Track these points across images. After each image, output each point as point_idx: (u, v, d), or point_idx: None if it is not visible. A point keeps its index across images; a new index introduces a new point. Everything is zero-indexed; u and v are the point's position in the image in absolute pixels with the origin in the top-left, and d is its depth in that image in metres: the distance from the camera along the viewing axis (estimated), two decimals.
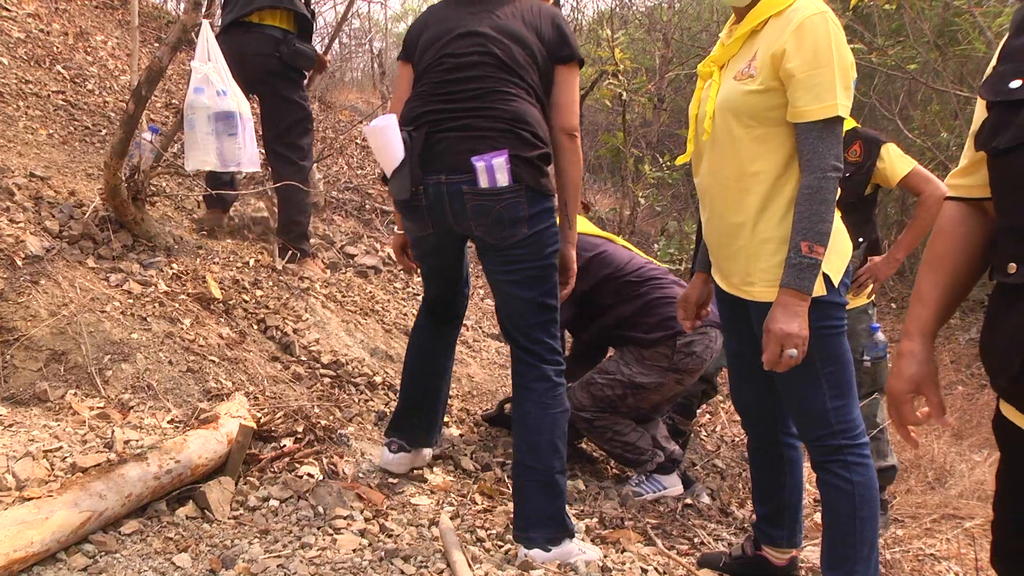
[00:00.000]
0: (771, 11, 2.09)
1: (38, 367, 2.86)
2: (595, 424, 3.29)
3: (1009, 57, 1.36)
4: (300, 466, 2.62)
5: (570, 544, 2.38)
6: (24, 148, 4.72)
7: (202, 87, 3.69)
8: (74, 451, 2.40)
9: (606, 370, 3.29)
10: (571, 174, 2.49)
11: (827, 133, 2.03)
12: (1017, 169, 1.26)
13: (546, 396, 2.41)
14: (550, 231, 2.41)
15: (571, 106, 2.45)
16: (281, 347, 3.51)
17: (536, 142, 2.35)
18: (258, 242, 4.54)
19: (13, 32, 6.29)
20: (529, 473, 2.38)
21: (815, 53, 2.00)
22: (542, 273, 2.42)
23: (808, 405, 2.22)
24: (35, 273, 3.12)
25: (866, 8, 9.16)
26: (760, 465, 2.56)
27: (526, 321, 2.45)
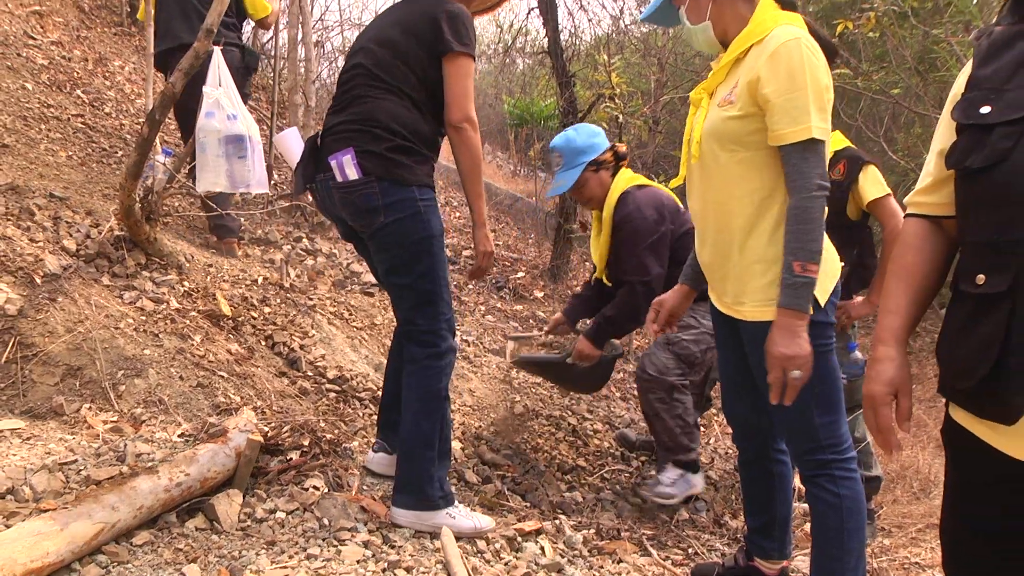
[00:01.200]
0: (753, 39, 2.12)
1: (55, 382, 2.86)
2: (674, 395, 3.17)
3: (977, 85, 1.38)
4: (306, 479, 2.61)
5: (435, 513, 2.49)
6: (45, 169, 4.74)
7: (213, 111, 3.71)
8: (88, 464, 2.40)
9: (688, 325, 3.21)
10: (462, 164, 2.51)
11: (808, 154, 2.03)
12: (991, 187, 1.28)
13: (412, 377, 2.52)
14: (415, 218, 2.45)
15: (454, 100, 2.46)
16: (288, 363, 3.51)
17: (388, 136, 2.44)
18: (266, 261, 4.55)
19: (37, 59, 6.33)
20: (401, 444, 2.52)
21: (789, 78, 2.01)
22: (412, 258, 2.48)
23: (797, 421, 2.21)
24: (53, 291, 3.13)
25: (851, 35, 9.21)
26: (751, 479, 2.56)
27: (401, 304, 2.59)
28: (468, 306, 5.56)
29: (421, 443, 2.48)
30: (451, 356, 2.57)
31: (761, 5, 2.18)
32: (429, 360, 2.50)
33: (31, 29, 6.85)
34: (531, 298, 6.40)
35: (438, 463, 2.52)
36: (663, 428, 3.21)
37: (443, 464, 2.56)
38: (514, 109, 12.03)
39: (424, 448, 2.48)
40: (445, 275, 2.54)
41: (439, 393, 2.51)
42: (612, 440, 4.08)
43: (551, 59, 8.99)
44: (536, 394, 4.34)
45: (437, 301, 2.51)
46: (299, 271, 4.56)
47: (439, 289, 2.51)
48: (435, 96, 2.51)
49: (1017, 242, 1.24)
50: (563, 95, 7.84)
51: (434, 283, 2.50)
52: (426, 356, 2.50)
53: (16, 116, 5.28)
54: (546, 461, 3.56)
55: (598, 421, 4.28)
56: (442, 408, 2.53)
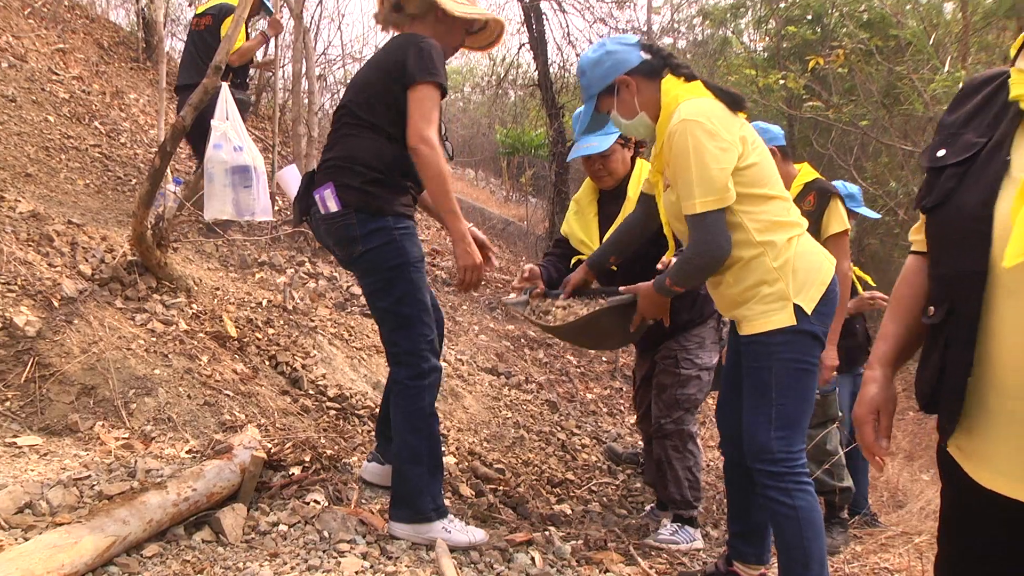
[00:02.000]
0: (668, 123, 2.28)
1: (70, 400, 2.86)
2: (688, 446, 3.09)
3: (940, 130, 1.42)
4: (307, 493, 2.61)
5: (430, 525, 2.48)
6: (64, 197, 4.76)
7: (221, 143, 3.74)
8: (101, 480, 2.39)
9: (680, 379, 3.10)
10: (426, 184, 2.49)
11: (699, 223, 2.20)
12: (938, 224, 1.32)
13: (398, 397, 2.52)
14: (391, 245, 2.47)
15: (411, 124, 2.44)
16: (291, 381, 3.51)
17: (365, 171, 2.49)
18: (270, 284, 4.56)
19: (60, 93, 6.36)
20: (394, 461, 2.54)
21: (677, 161, 2.21)
22: (389, 284, 2.49)
23: (755, 430, 2.24)
24: (69, 313, 3.13)
25: (822, 70, 9.33)
26: (734, 484, 2.57)
27: (383, 327, 2.59)
28: (462, 326, 5.57)
29: (410, 459, 2.48)
30: (435, 376, 2.53)
31: (664, 85, 2.36)
32: (411, 380, 2.49)
33: (55, 65, 6.89)
34: (522, 318, 6.41)
35: (429, 477, 2.50)
36: (673, 478, 3.10)
37: (435, 478, 2.53)
38: (506, 138, 12.09)
39: (413, 464, 2.48)
40: (423, 299, 2.52)
41: (424, 411, 2.49)
42: (600, 454, 4.08)
43: (541, 91, 9.08)
44: (527, 411, 4.35)
45: (415, 324, 2.49)
46: (301, 294, 4.57)
47: (417, 313, 2.50)
48: (399, 128, 2.51)
49: (954, 276, 1.27)
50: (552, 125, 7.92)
51: (412, 307, 2.49)
52: (408, 377, 2.49)
53: (39, 147, 5.31)
54: (536, 475, 3.55)
55: (586, 436, 4.28)
56: (429, 425, 2.51)
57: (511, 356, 5.32)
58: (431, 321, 2.55)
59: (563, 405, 4.68)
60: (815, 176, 3.58)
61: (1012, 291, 1.18)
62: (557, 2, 9.12)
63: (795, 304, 2.20)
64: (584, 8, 9.17)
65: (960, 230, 1.25)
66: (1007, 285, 1.18)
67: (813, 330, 2.22)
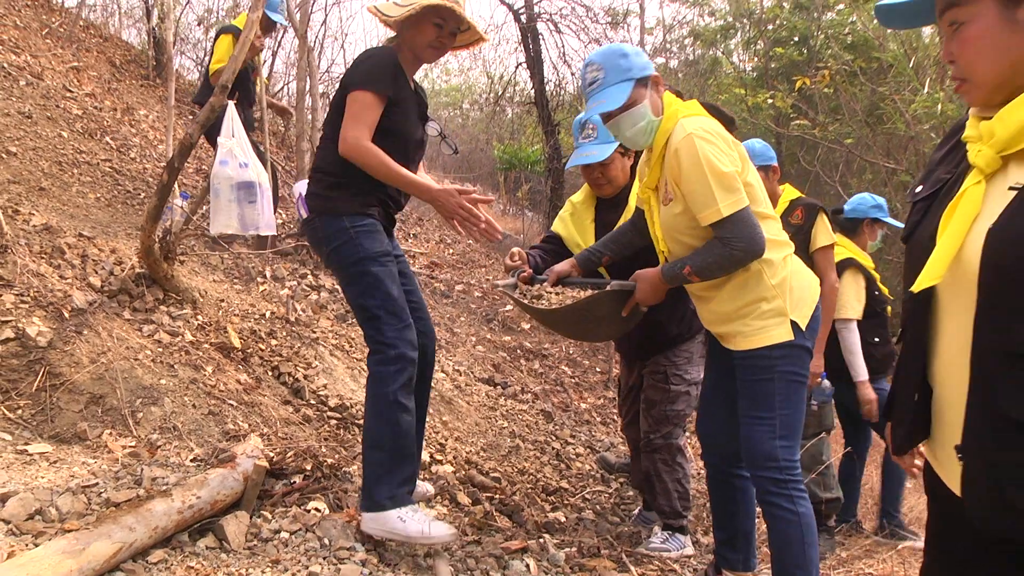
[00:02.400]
0: (664, 137, 2.28)
1: (79, 409, 2.86)
2: (677, 458, 3.07)
3: (925, 167, 1.46)
4: (308, 501, 2.61)
5: (384, 515, 2.39)
6: (76, 210, 4.77)
7: (227, 159, 3.75)
8: (108, 487, 2.39)
9: (669, 395, 3.07)
10: (375, 176, 2.49)
11: (734, 222, 2.18)
12: (907, 253, 1.37)
13: (368, 382, 2.51)
14: (349, 243, 2.51)
15: (343, 129, 2.48)
16: (293, 392, 3.51)
17: (325, 177, 2.58)
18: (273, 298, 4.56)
19: (73, 109, 6.39)
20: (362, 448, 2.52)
21: (689, 174, 2.18)
22: (352, 279, 2.53)
23: (761, 442, 2.26)
24: (79, 324, 3.14)
25: (808, 90, 9.39)
26: (718, 494, 2.59)
27: (356, 317, 2.62)
28: (460, 337, 5.57)
29: (371, 445, 2.45)
30: (402, 364, 2.47)
31: (665, 98, 2.36)
32: (377, 366, 2.47)
33: (69, 83, 6.92)
34: (519, 329, 6.42)
35: (389, 466, 2.44)
36: (663, 490, 3.09)
37: (397, 468, 2.45)
38: (503, 155, 12.13)
39: (373, 450, 2.44)
40: (388, 291, 2.50)
41: (388, 397, 2.44)
42: (593, 463, 4.08)
43: (537, 109, 9.12)
44: (523, 420, 4.35)
45: (380, 315, 2.48)
46: (304, 306, 4.57)
47: (381, 303, 2.48)
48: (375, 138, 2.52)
49: (906, 300, 1.31)
50: (548, 142, 7.95)
51: (376, 298, 2.49)
52: (375, 362, 2.49)
53: (53, 162, 5.32)
54: (531, 483, 3.55)
55: (580, 445, 4.28)
56: (394, 413, 2.44)
57: (507, 367, 5.33)
58: (400, 311, 2.51)
59: (558, 415, 4.68)
60: (798, 194, 3.61)
61: (950, 312, 1.23)
62: (553, 23, 9.18)
63: (792, 320, 2.25)
64: (580, 29, 9.22)
65: (917, 258, 1.29)
66: (946, 307, 1.24)
67: (806, 344, 2.29)
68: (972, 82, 1.24)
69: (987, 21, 1.19)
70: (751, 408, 2.29)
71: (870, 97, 9.55)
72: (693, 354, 3.10)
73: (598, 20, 9.39)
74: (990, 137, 1.19)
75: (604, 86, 2.31)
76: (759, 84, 10.85)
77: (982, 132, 1.21)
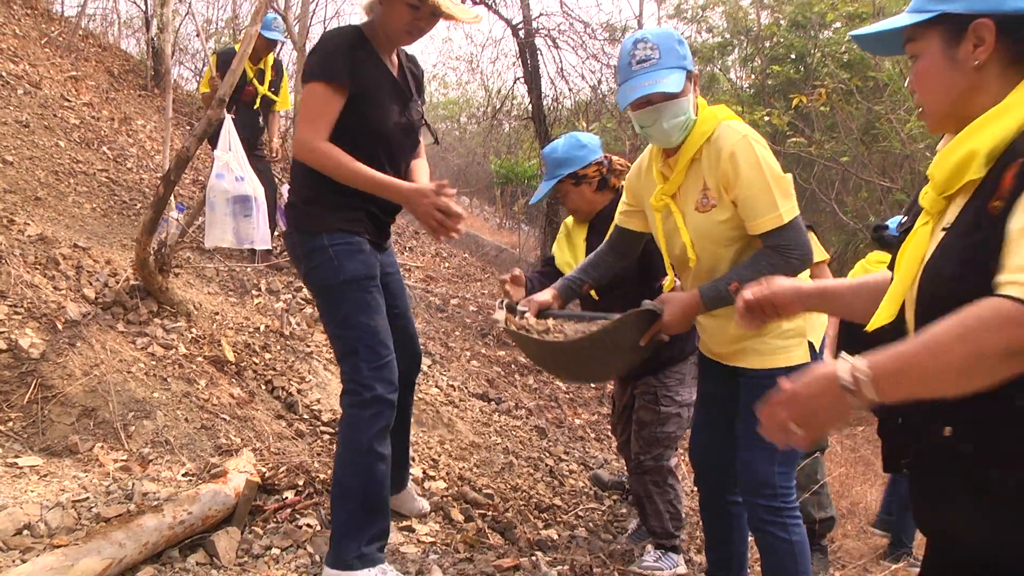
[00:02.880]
0: (701, 140, 2.13)
1: (71, 421, 2.86)
2: (668, 480, 3.03)
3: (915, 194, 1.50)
4: (300, 517, 2.60)
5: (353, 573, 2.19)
6: (71, 221, 4.77)
7: (223, 173, 3.77)
8: (99, 502, 2.38)
9: (660, 417, 3.02)
10: (338, 180, 2.22)
11: (793, 228, 2.07)
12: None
13: (340, 427, 2.29)
14: (327, 264, 2.25)
15: (299, 124, 2.27)
16: (286, 406, 3.51)
17: (299, 188, 2.34)
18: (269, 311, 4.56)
19: (70, 119, 6.40)
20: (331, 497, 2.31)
21: (750, 177, 2.05)
22: (329, 305, 2.30)
23: (757, 466, 2.23)
24: (73, 336, 3.13)
25: (805, 108, 9.45)
26: (712, 518, 2.56)
27: (332, 348, 2.41)
28: (454, 351, 5.57)
29: (340, 496, 2.24)
30: (378, 408, 2.22)
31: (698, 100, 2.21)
32: (352, 409, 2.24)
33: (67, 92, 6.94)
34: (513, 344, 6.42)
35: (361, 520, 2.22)
36: (654, 511, 3.06)
37: (369, 523, 2.23)
38: (500, 169, 12.17)
39: (342, 501, 2.23)
40: (369, 322, 2.25)
41: (361, 445, 2.20)
42: (586, 480, 4.07)
43: (535, 124, 9.15)
44: (516, 436, 4.34)
45: (358, 349, 2.24)
46: (298, 319, 4.57)
47: (360, 335, 2.24)
48: (343, 136, 2.24)
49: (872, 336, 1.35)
50: None
51: (354, 329, 2.24)
52: (349, 404, 2.25)
53: (49, 171, 5.33)
54: (524, 500, 3.55)
55: (573, 462, 4.27)
56: (369, 463, 2.22)
57: (501, 382, 5.33)
58: (379, 345, 2.26)
59: (552, 431, 4.68)
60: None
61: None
62: (551, 38, 9.23)
63: (809, 341, 2.21)
64: (577, 45, 9.26)
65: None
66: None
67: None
68: (926, 112, 1.31)
69: (934, 57, 1.27)
70: (753, 431, 2.22)
71: (866, 115, 9.62)
72: (685, 376, 3.08)
73: (596, 36, 9.44)
74: (932, 178, 1.26)
75: (658, 67, 2.09)
76: (756, 101, 10.91)
77: (929, 174, 1.27)
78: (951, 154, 1.22)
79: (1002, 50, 1.21)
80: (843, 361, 1.12)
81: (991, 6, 1.20)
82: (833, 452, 5.50)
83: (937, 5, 1.24)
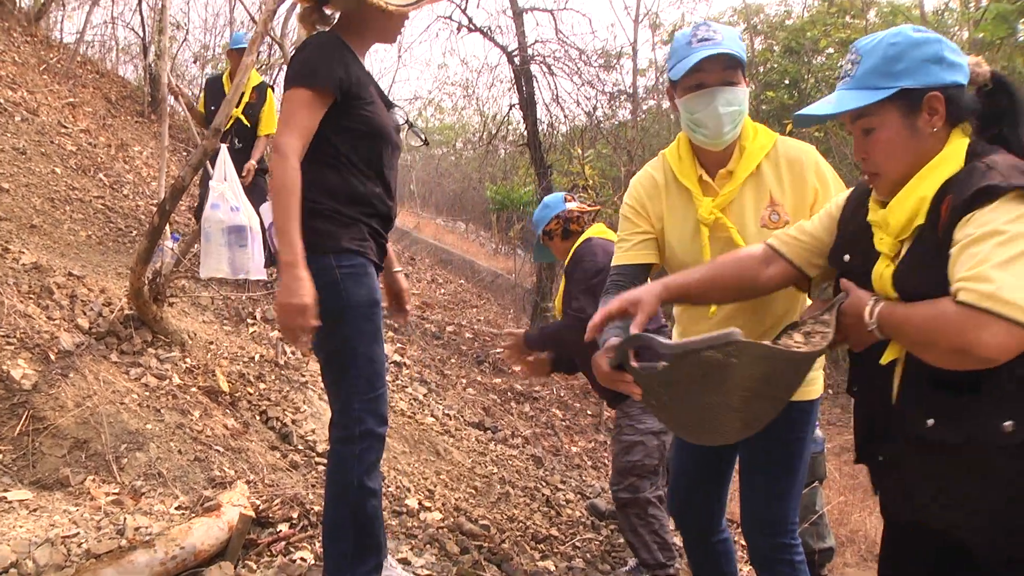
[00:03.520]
0: (762, 153, 2.03)
1: (62, 454, 2.83)
2: (650, 511, 3.04)
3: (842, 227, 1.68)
4: (294, 551, 2.57)
5: None
6: (66, 248, 4.76)
7: (218, 203, 3.77)
8: (89, 537, 2.35)
9: (623, 446, 3.08)
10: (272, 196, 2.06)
11: None
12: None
13: (329, 460, 2.20)
14: (331, 287, 2.10)
15: (278, 128, 2.10)
16: (280, 437, 3.48)
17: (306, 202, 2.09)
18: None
19: (67, 145, 6.42)
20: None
21: (839, 188, 1.99)
22: (327, 331, 2.10)
23: (770, 502, 2.15)
24: (65, 367, 3.11)
25: (799, 133, 9.53)
26: (698, 558, 2.45)
27: (323, 375, 2.30)
28: (450, 379, 5.55)
29: (330, 535, 2.16)
30: (368, 442, 2.13)
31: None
32: (339, 445, 2.16)
33: (64, 119, 6.97)
34: (509, 371, 6.40)
35: (356, 560, 2.14)
36: (641, 544, 3.08)
37: (361, 561, 2.16)
38: (496, 195, 12.23)
39: (336, 543, 2.15)
40: (367, 352, 2.14)
41: (351, 483, 2.12)
42: (583, 510, 4.05)
43: (530, 151, 9.20)
44: (512, 466, 4.31)
45: (352, 379, 2.13)
46: (293, 348, 4.55)
47: (356, 365, 2.13)
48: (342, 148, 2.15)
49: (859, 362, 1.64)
50: (541, 184, 8.01)
51: (350, 358, 2.13)
52: (338, 439, 2.16)
53: (45, 198, 5.33)
54: (521, 531, 3.52)
55: (570, 491, 4.25)
56: (359, 500, 2.13)
57: (497, 410, 5.30)
58: (375, 376, 2.16)
59: (548, 459, 4.65)
60: None
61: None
62: (546, 65, 9.30)
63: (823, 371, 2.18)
64: (573, 72, 9.34)
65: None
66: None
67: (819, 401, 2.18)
68: (882, 176, 1.49)
69: (893, 128, 1.45)
70: (770, 467, 2.12)
71: None
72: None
73: (591, 63, 9.52)
74: (886, 226, 1.47)
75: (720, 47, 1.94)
76: None
77: (879, 222, 1.49)
78: (904, 203, 1.44)
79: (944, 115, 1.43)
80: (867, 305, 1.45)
81: (937, 80, 1.42)
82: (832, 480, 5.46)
83: (893, 82, 1.43)
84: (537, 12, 8.81)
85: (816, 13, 11.90)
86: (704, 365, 1.38)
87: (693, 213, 2.07)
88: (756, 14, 13.83)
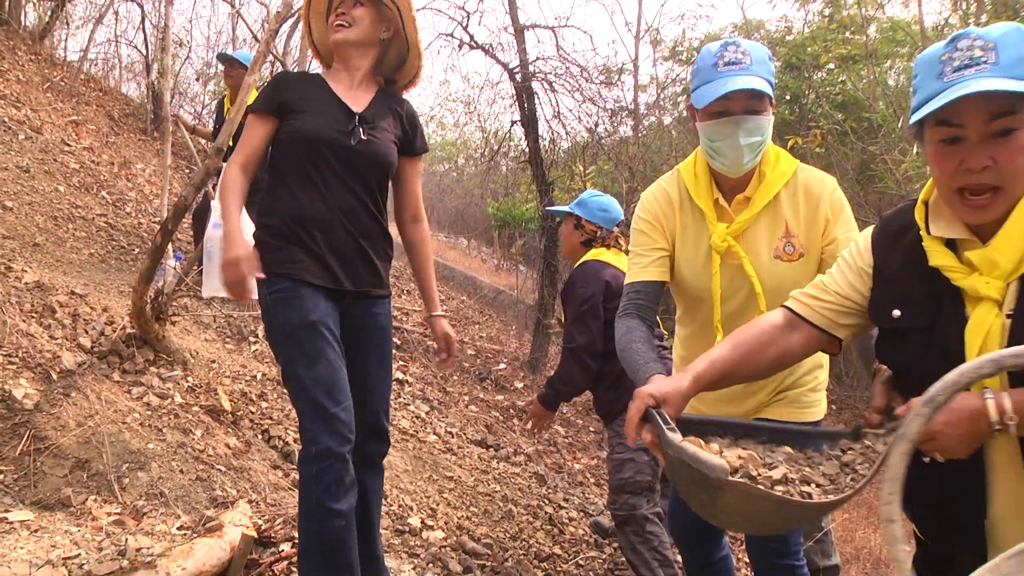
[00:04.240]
0: (782, 181, 1.96)
1: (64, 474, 2.83)
2: (647, 528, 3.03)
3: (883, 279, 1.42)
4: (296, 570, 2.56)
5: None
6: (69, 267, 4.78)
7: (220, 223, 3.77)
8: (90, 559, 2.35)
9: (614, 464, 3.10)
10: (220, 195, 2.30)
11: None
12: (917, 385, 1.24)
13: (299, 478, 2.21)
14: (267, 312, 2.22)
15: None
16: (282, 456, 3.48)
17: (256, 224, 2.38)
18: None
19: (70, 163, 6.46)
20: None
21: (849, 221, 1.95)
22: (275, 354, 2.26)
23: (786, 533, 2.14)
24: (67, 386, 3.12)
25: (800, 149, 9.56)
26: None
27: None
28: (452, 396, 5.54)
29: (301, 555, 2.18)
30: (325, 462, 2.10)
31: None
32: (301, 463, 2.17)
33: (68, 136, 7.01)
34: (511, 388, 6.39)
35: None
36: (641, 561, 3.05)
37: None
38: (497, 212, 12.26)
39: (305, 560, 2.16)
40: (309, 373, 2.14)
41: (310, 500, 2.12)
42: (587, 527, 4.03)
43: (532, 167, 9.23)
44: (515, 484, 4.30)
45: (298, 401, 2.17)
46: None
47: (301, 386, 2.14)
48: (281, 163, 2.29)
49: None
50: (542, 200, 8.02)
51: (292, 382, 2.17)
52: (300, 459, 2.18)
53: (48, 216, 5.35)
54: (524, 549, 3.50)
55: (573, 509, 4.23)
56: (322, 519, 2.11)
57: (500, 427, 5.29)
58: (323, 396, 2.13)
59: (551, 477, 4.64)
60: None
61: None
62: (548, 82, 9.35)
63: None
64: (574, 89, 9.38)
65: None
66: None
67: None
68: (1006, 191, 1.19)
69: None
70: None
71: (861, 156, 9.73)
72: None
73: (592, 80, 9.57)
74: (992, 268, 1.20)
75: (748, 72, 1.84)
76: None
77: (977, 263, 1.21)
78: (1010, 240, 1.18)
79: None
80: (990, 399, 1.10)
81: None
82: None
83: None
84: (539, 29, 8.87)
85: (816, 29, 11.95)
86: (697, 474, 1.22)
87: (706, 237, 2.00)
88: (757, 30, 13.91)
